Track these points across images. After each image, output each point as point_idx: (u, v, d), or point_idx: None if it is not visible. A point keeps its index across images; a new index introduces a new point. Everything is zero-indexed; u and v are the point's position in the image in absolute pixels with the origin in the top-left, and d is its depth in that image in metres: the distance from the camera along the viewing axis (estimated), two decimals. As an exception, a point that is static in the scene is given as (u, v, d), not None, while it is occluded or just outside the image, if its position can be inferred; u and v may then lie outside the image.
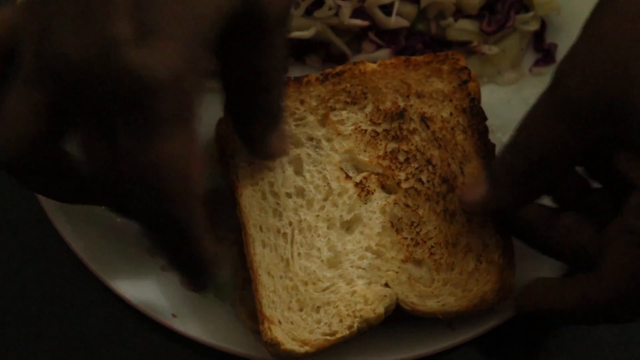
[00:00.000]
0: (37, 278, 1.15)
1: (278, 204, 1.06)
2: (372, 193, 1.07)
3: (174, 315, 1.09)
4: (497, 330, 1.09)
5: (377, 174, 1.08)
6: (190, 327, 1.09)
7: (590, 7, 1.22)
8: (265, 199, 1.06)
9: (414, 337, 1.08)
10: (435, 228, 1.06)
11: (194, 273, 0.92)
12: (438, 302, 1.03)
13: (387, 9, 1.21)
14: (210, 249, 0.88)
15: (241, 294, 1.08)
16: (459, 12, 1.24)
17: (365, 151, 1.09)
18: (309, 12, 1.20)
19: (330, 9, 1.19)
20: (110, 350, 1.12)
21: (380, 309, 1.02)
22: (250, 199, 1.06)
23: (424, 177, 1.08)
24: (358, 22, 1.20)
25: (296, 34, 1.19)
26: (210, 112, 1.17)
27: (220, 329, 1.09)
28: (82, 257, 1.11)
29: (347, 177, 1.08)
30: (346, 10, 1.19)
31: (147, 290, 1.11)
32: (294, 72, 1.23)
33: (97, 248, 1.12)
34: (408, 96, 1.11)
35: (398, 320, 1.05)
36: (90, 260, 1.11)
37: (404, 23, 1.21)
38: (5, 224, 1.18)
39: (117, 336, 1.13)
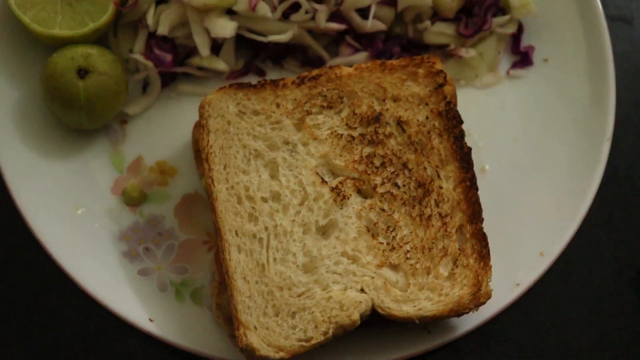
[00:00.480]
0: (14, 282, 1.14)
1: (254, 208, 1.05)
2: (348, 198, 1.06)
3: (150, 320, 1.08)
4: (474, 334, 1.10)
5: (353, 178, 1.08)
6: (167, 331, 1.08)
7: (566, 11, 1.23)
8: (240, 203, 1.05)
9: (391, 341, 1.08)
10: (411, 232, 1.06)
11: None
12: (414, 306, 1.03)
13: (364, 13, 1.20)
14: None
15: (218, 298, 1.07)
16: (436, 16, 1.23)
17: (341, 156, 1.08)
18: (286, 16, 1.19)
19: (306, 12, 1.18)
20: (88, 354, 1.12)
21: (356, 315, 1.01)
22: (225, 203, 1.05)
23: (399, 182, 1.08)
24: (335, 25, 1.19)
25: (273, 37, 1.18)
26: (186, 115, 1.18)
27: (197, 333, 1.09)
28: (59, 262, 1.10)
29: (323, 181, 1.07)
30: (323, 14, 1.18)
31: (123, 295, 1.10)
32: (272, 76, 1.22)
33: (74, 252, 1.11)
34: (384, 100, 1.11)
35: (374, 324, 1.05)
36: (67, 264, 1.10)
37: (381, 26, 1.21)
38: None
39: (95, 340, 1.12)
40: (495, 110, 1.23)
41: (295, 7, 1.18)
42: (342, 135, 1.09)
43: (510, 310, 1.11)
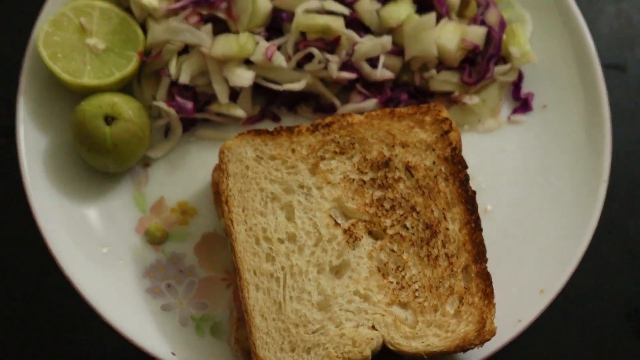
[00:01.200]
0: (44, 318, 1.15)
1: (271, 249, 1.06)
2: (360, 239, 1.07)
3: (173, 354, 1.09)
4: None
5: (365, 220, 1.09)
6: None
7: (564, 59, 1.24)
8: (258, 244, 1.07)
9: (399, 374, 1.07)
10: (419, 272, 1.07)
11: None
12: (422, 342, 1.04)
13: (373, 62, 1.21)
14: None
15: (236, 333, 1.08)
16: (441, 65, 1.24)
17: (353, 199, 1.09)
18: (300, 66, 1.20)
19: (319, 62, 1.19)
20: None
21: (368, 351, 1.02)
22: (244, 244, 1.06)
23: (408, 224, 1.09)
24: (346, 74, 1.20)
25: (288, 86, 1.19)
26: (206, 159, 1.19)
27: None
28: (86, 298, 1.10)
29: (336, 223, 1.08)
30: (335, 64, 1.19)
31: (148, 329, 1.11)
32: (286, 121, 1.24)
33: (100, 289, 1.12)
34: (393, 146, 1.12)
35: (385, 358, 1.05)
36: (94, 300, 1.10)
37: (390, 75, 1.22)
38: (14, 272, 1.18)
39: None
40: (497, 153, 1.24)
41: (309, 57, 1.20)
42: (353, 179, 1.10)
43: (512, 345, 1.11)
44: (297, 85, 1.20)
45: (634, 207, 1.24)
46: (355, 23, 1.22)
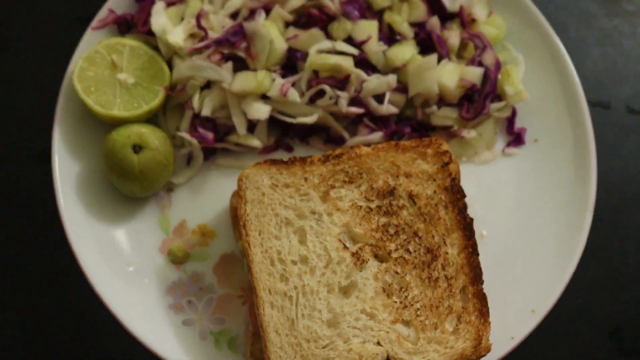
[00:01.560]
0: (74, 331, 1.15)
1: (285, 269, 1.07)
2: (367, 262, 1.08)
3: (193, 366, 1.09)
4: None
5: (371, 244, 1.09)
6: None
7: (553, 98, 1.25)
8: (273, 265, 1.07)
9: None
10: (420, 292, 1.07)
11: None
12: (424, 358, 1.04)
13: (379, 98, 1.22)
14: None
15: (252, 347, 1.09)
16: (442, 101, 1.25)
17: (360, 224, 1.10)
18: (312, 101, 1.21)
19: (330, 98, 1.20)
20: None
21: None
22: (260, 265, 1.07)
23: (411, 248, 1.09)
24: (354, 109, 1.21)
25: (301, 119, 1.20)
26: (225, 185, 1.20)
27: None
28: (114, 313, 1.11)
29: (345, 247, 1.08)
30: (344, 99, 1.20)
31: (170, 343, 1.11)
32: (299, 151, 1.24)
33: (126, 305, 1.12)
34: (397, 176, 1.12)
35: None
36: (121, 315, 1.11)
37: (394, 110, 1.22)
38: (47, 288, 1.17)
39: None
40: (492, 183, 1.24)
41: (321, 93, 1.20)
42: (361, 206, 1.11)
43: None
44: (310, 119, 1.20)
45: (617, 233, 1.24)
46: (364, 62, 1.22)
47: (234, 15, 1.23)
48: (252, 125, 1.22)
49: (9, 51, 1.24)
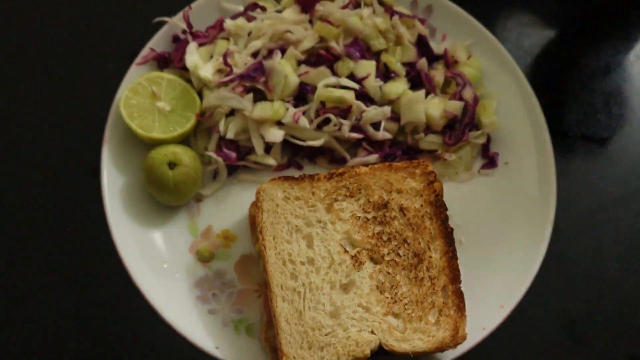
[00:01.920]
0: (116, 320, 1.14)
1: (294, 269, 1.07)
2: (363, 263, 1.08)
3: (216, 347, 1.10)
4: None
5: (367, 249, 1.10)
6: (228, 355, 1.10)
7: (522, 127, 1.25)
8: (285, 265, 1.08)
9: (391, 368, 1.08)
10: (408, 290, 1.08)
11: None
12: (410, 344, 1.05)
13: (376, 126, 1.23)
14: None
15: (266, 334, 1.09)
16: (428, 129, 1.26)
17: (358, 232, 1.10)
18: (319, 127, 1.22)
19: (335, 125, 1.21)
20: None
21: (367, 351, 1.03)
22: (274, 265, 1.07)
23: (401, 252, 1.10)
24: (355, 135, 1.22)
25: (310, 142, 1.21)
26: (245, 197, 1.20)
27: (249, 356, 1.10)
28: (150, 302, 1.12)
29: (345, 251, 1.09)
30: (346, 126, 1.21)
31: (198, 328, 1.12)
32: (308, 169, 1.25)
33: (162, 295, 1.13)
34: (390, 192, 1.13)
35: (380, 355, 1.06)
36: (156, 304, 1.12)
37: (388, 136, 1.23)
38: (95, 283, 1.17)
39: None
40: (470, 199, 1.24)
41: (327, 120, 1.21)
42: (359, 217, 1.11)
43: (478, 347, 1.12)
44: (317, 142, 1.21)
45: (573, 242, 1.24)
46: (363, 95, 1.24)
47: (254, 55, 1.24)
48: (268, 147, 1.23)
49: (68, 82, 1.25)
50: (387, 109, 1.22)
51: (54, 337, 1.12)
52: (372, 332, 1.05)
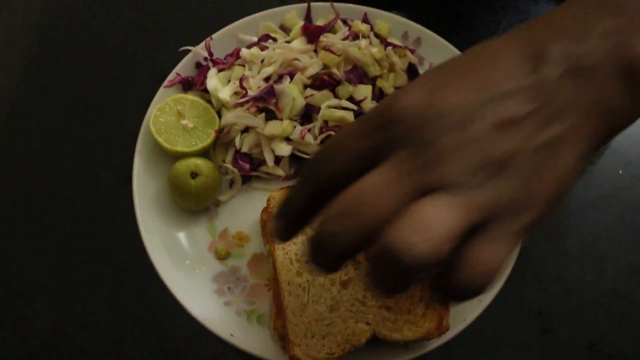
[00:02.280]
0: (142, 310, 1.14)
1: (300, 267, 1.06)
2: (361, 262, 1.07)
3: (231, 335, 1.09)
4: (437, 350, 1.10)
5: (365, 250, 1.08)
6: (242, 342, 1.09)
7: None
8: (291, 264, 1.06)
9: (383, 353, 1.08)
10: None
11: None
12: (400, 334, 1.03)
13: None
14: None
15: (275, 323, 1.08)
16: None
17: None
18: (322, 142, 1.20)
19: None
20: (188, 354, 1.12)
21: (363, 339, 1.02)
22: (282, 264, 1.06)
23: None
24: None
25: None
26: (257, 202, 1.19)
27: (261, 345, 1.09)
28: (174, 294, 1.10)
29: None
30: None
31: (215, 317, 1.10)
32: None
33: (184, 289, 1.12)
34: None
35: (374, 343, 1.05)
36: (179, 297, 1.10)
37: None
38: (125, 279, 1.17)
39: (194, 346, 1.13)
40: None
41: (329, 137, 1.19)
42: None
43: (459, 336, 1.11)
44: None
45: (541, 243, 1.23)
46: (361, 115, 1.21)
47: (267, 79, 1.23)
48: (278, 159, 1.21)
49: (105, 102, 1.25)
50: (381, 128, 1.20)
51: (87, 321, 1.12)
52: (368, 323, 1.03)
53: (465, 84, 0.48)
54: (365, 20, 1.27)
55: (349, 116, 1.19)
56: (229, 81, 1.24)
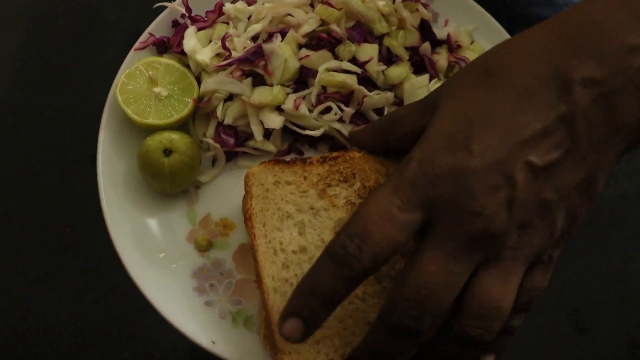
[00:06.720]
0: (110, 309, 1.08)
1: (286, 259, 0.96)
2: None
3: (213, 342, 1.00)
4: None
5: None
6: (226, 351, 0.99)
7: None
8: (276, 254, 0.96)
9: None
10: None
11: None
12: None
13: (378, 111, 1.11)
14: None
15: (265, 330, 0.98)
16: None
17: None
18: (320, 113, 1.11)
19: (335, 114, 1.09)
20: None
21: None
22: (264, 254, 0.96)
23: None
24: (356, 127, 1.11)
25: (308, 132, 1.10)
26: (243, 185, 1.09)
27: (248, 352, 1.00)
28: (145, 294, 1.01)
29: None
30: (348, 114, 1.10)
31: (193, 321, 1.01)
32: (308, 154, 1.14)
33: (157, 287, 1.02)
34: (386, 175, 1.01)
35: None
36: (151, 296, 1.01)
37: None
38: (86, 271, 1.11)
39: (172, 357, 1.04)
40: None
41: (328, 109, 1.10)
42: (354, 203, 1.00)
43: None
44: (316, 132, 1.10)
45: (577, 239, 1.14)
46: (365, 80, 1.11)
47: (254, 39, 1.13)
48: (268, 133, 1.12)
49: (69, 69, 1.20)
50: (390, 95, 1.10)
51: (51, 327, 1.07)
52: (369, 322, 0.93)
53: (491, 132, 0.57)
54: (370, -33, 1.16)
55: (351, 80, 1.09)
56: (210, 41, 1.14)
